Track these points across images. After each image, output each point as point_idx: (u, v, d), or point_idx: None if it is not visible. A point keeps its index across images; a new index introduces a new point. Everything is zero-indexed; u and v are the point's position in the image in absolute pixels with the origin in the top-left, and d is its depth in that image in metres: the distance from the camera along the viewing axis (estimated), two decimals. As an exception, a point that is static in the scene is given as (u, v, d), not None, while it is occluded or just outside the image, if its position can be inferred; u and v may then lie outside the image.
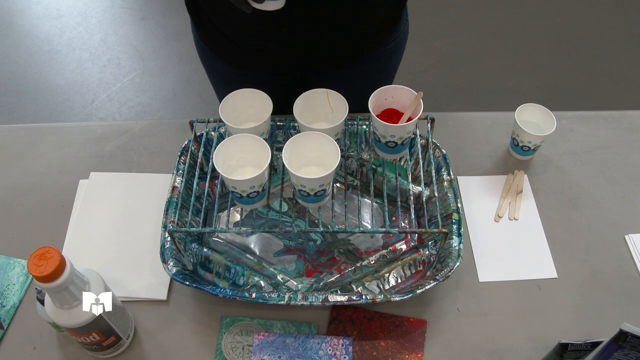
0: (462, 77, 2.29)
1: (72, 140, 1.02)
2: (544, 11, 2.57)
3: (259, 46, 0.92)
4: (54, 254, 0.59)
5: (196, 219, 0.86)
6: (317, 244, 0.87)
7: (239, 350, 0.77)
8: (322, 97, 0.83)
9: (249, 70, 0.97)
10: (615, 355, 0.62)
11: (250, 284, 0.81)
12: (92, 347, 0.72)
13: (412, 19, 1.05)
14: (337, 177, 0.93)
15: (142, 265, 0.84)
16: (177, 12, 2.58)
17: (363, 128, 0.92)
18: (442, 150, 0.89)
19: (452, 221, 0.81)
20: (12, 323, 0.80)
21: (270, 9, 0.67)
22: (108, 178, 0.96)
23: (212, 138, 0.91)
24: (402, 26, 0.98)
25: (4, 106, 2.20)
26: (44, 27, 2.53)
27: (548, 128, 0.94)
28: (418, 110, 0.78)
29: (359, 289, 0.81)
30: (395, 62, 1.04)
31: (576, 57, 2.37)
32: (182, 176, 0.85)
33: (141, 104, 2.21)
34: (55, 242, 0.87)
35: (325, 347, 0.75)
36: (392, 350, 0.77)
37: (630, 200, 0.94)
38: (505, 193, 0.94)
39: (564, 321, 0.80)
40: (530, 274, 0.85)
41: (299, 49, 0.91)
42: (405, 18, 0.98)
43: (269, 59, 0.94)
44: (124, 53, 2.41)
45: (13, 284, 0.83)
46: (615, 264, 0.86)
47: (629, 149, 1.01)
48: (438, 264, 0.80)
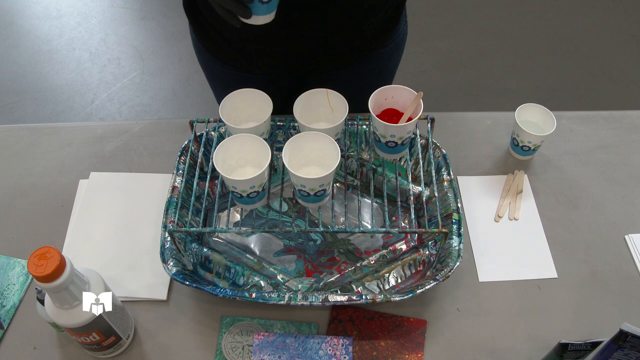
0: (462, 77, 2.29)
1: (72, 140, 1.02)
2: (544, 11, 2.57)
3: (258, 49, 0.92)
4: (54, 254, 0.59)
5: (196, 219, 0.86)
6: (317, 244, 0.87)
7: (239, 350, 0.77)
8: (322, 97, 0.83)
9: (248, 72, 0.97)
10: (615, 355, 0.62)
11: (250, 284, 0.81)
12: (92, 347, 0.72)
13: (412, 19, 1.05)
14: (337, 177, 0.93)
15: (142, 265, 0.84)
16: (177, 12, 2.58)
17: (363, 128, 0.92)
18: (442, 150, 0.89)
19: (452, 221, 0.82)
20: (12, 323, 0.80)
21: (259, 24, 0.66)
22: (108, 178, 0.96)
23: (212, 138, 0.91)
24: (401, 27, 0.98)
25: (4, 106, 2.20)
26: (44, 27, 2.53)
27: (548, 128, 0.94)
28: (418, 110, 0.78)
29: (359, 289, 0.81)
30: (394, 63, 1.04)
31: (576, 57, 2.37)
32: (182, 176, 0.85)
33: (141, 104, 2.21)
34: (55, 242, 0.87)
35: (325, 347, 0.75)
36: (392, 350, 0.77)
37: (630, 200, 0.94)
38: (505, 193, 0.94)
39: (564, 321, 0.80)
40: (530, 274, 0.85)
41: (297, 51, 0.91)
42: (404, 19, 0.98)
43: (267, 61, 0.94)
44: (124, 53, 2.41)
45: (13, 284, 0.83)
46: (615, 264, 0.86)
47: (629, 149, 1.01)
48: (438, 264, 0.80)
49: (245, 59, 0.94)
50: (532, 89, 2.24)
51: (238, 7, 0.63)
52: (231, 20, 0.66)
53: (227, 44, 0.92)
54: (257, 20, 0.66)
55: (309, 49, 0.91)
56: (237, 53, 0.93)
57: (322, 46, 0.90)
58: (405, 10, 0.97)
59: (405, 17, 0.98)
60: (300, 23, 0.84)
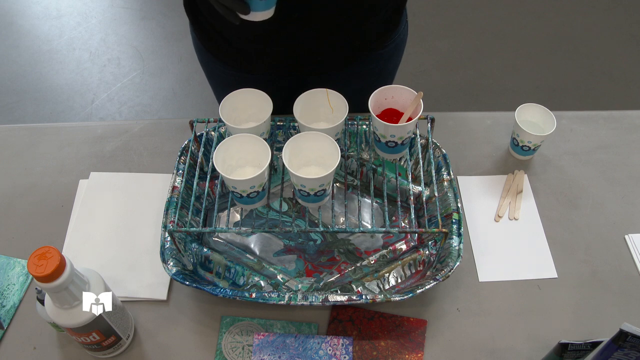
0: (462, 77, 2.29)
1: (72, 140, 1.02)
2: (544, 11, 2.57)
3: (258, 49, 0.92)
4: (54, 254, 0.59)
5: (196, 219, 0.86)
6: (317, 244, 0.87)
7: (239, 350, 0.77)
8: (322, 97, 0.83)
9: (248, 72, 0.97)
10: (615, 355, 0.62)
11: (250, 284, 0.81)
12: (92, 347, 0.72)
13: (412, 19, 1.05)
14: (337, 177, 0.93)
15: (142, 265, 0.84)
16: (177, 12, 2.58)
17: (363, 128, 0.92)
18: (442, 150, 0.89)
19: (452, 221, 0.82)
20: (12, 323, 0.80)
21: (258, 20, 0.66)
22: (108, 178, 0.96)
23: (212, 138, 0.91)
24: (402, 28, 0.98)
25: (4, 106, 2.20)
26: (44, 27, 2.53)
27: (548, 128, 0.94)
28: (418, 110, 0.78)
29: (359, 289, 0.81)
30: (394, 63, 1.04)
31: (576, 57, 2.37)
32: (182, 176, 0.85)
33: (141, 104, 2.21)
34: (55, 242, 0.87)
35: (325, 347, 0.75)
36: (392, 350, 0.77)
37: (630, 200, 0.94)
38: (505, 193, 0.94)
39: (564, 321, 0.80)
40: (530, 273, 0.85)
41: (297, 51, 0.91)
42: (404, 20, 0.98)
43: (267, 61, 0.94)
44: (124, 53, 2.41)
45: (13, 284, 0.83)
46: (615, 264, 0.86)
47: (629, 149, 1.01)
48: (438, 264, 0.80)
49: (245, 59, 0.94)
50: (532, 89, 2.24)
51: (236, 3, 0.63)
52: (230, 17, 0.66)
53: (227, 44, 0.92)
54: (256, 17, 0.66)
55: (309, 49, 0.91)
56: (237, 53, 0.93)
57: (322, 46, 0.90)
58: (405, 11, 0.97)
59: (405, 17, 0.98)
60: (300, 23, 0.84)
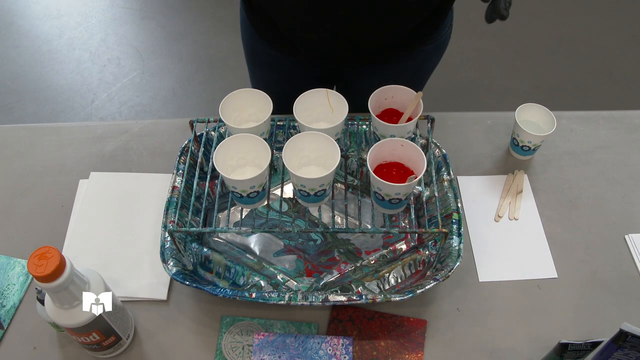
0: (462, 77, 2.29)
1: (72, 140, 1.02)
2: (544, 11, 2.57)
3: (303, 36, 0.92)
4: (54, 254, 0.59)
5: (196, 219, 0.86)
6: (317, 244, 0.87)
7: (239, 350, 0.77)
8: (322, 97, 0.83)
9: (290, 55, 0.98)
10: (615, 355, 0.62)
11: (250, 284, 0.81)
12: (92, 347, 0.72)
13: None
14: (337, 177, 0.93)
15: (142, 265, 0.84)
16: (178, 12, 2.57)
17: (363, 128, 0.92)
18: (442, 150, 0.89)
19: (452, 221, 0.81)
20: (12, 323, 0.79)
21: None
22: (108, 178, 0.96)
23: (212, 138, 0.91)
24: (445, 30, 0.98)
25: (4, 106, 2.20)
26: (44, 27, 2.53)
27: (548, 128, 0.94)
28: (418, 110, 0.78)
29: (359, 288, 0.81)
30: (432, 64, 1.04)
31: (576, 57, 2.37)
32: (182, 176, 0.85)
33: (141, 104, 2.21)
34: (55, 242, 0.87)
35: (325, 347, 0.75)
36: (392, 350, 0.77)
37: (630, 200, 0.94)
38: (505, 193, 0.94)
39: (564, 321, 0.80)
40: (530, 273, 0.85)
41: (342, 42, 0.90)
42: (449, 22, 0.98)
43: (310, 45, 0.94)
44: (124, 53, 2.40)
45: (13, 284, 0.83)
46: (615, 263, 0.86)
47: (629, 149, 1.01)
48: (438, 264, 0.80)
49: (290, 41, 0.95)
50: (532, 89, 2.24)
51: None
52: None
53: (276, 25, 0.93)
54: None
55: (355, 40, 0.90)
56: (283, 35, 0.94)
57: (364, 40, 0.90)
58: (452, 13, 0.97)
59: (451, 20, 0.98)
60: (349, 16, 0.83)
